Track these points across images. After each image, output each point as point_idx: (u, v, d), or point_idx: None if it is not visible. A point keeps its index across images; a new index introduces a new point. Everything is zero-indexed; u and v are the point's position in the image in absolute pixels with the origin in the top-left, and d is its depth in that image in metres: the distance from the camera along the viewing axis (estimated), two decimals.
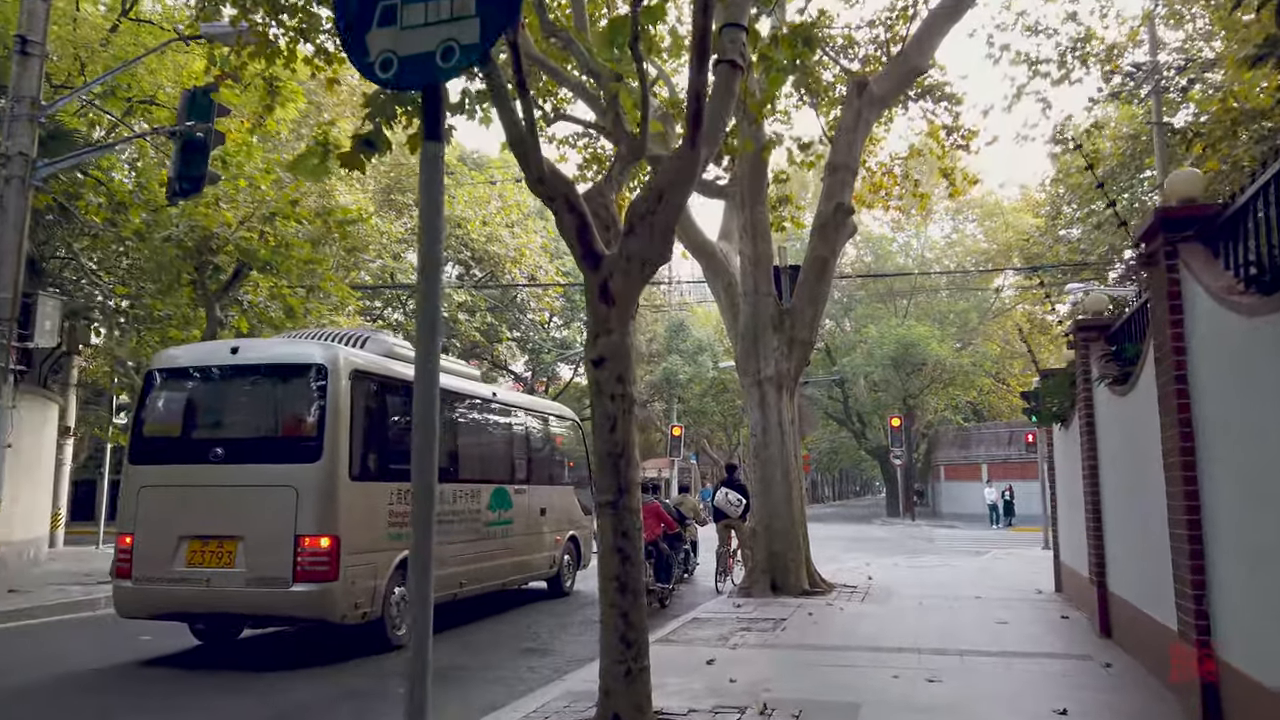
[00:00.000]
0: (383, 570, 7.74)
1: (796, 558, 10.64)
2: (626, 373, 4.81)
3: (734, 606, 9.70)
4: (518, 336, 33.79)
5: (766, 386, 10.83)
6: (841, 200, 10.81)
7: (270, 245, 14.10)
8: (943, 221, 49.30)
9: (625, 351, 4.81)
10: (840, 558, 18.10)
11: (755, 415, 10.94)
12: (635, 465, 4.87)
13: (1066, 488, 10.04)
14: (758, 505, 10.90)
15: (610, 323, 4.76)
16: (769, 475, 10.76)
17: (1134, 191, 24.08)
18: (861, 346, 40.57)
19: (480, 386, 10.31)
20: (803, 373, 11.73)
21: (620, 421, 4.76)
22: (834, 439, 61.94)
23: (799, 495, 11.10)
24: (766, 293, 10.82)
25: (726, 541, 12.88)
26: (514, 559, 10.34)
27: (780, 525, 10.65)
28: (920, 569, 14.45)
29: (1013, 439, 36.12)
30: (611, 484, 4.75)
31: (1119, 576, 7.17)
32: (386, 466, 8.02)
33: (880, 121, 16.26)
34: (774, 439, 10.77)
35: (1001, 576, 12.99)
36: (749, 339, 10.90)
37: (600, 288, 4.78)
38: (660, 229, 4.63)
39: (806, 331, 10.96)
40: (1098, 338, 7.72)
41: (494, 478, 10.12)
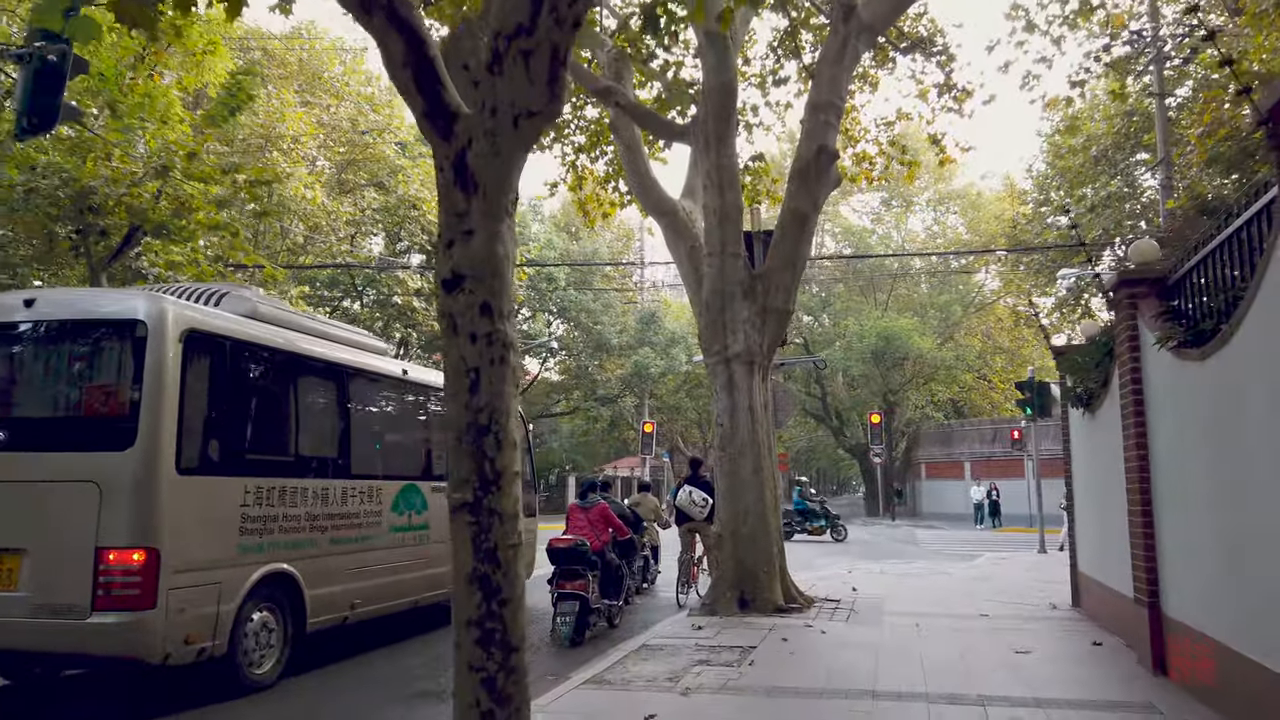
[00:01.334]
0: (231, 592, 5.92)
1: (769, 568, 8.94)
2: (499, 300, 3.06)
3: (693, 629, 7.98)
4: None
5: (735, 365, 9.12)
6: (824, 143, 9.12)
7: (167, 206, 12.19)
8: (924, 213, 48.11)
9: (498, 266, 3.06)
10: (818, 563, 16.46)
11: (721, 399, 9.23)
12: (511, 446, 3.13)
13: (1091, 484, 8.42)
14: (723, 507, 9.19)
15: (471, 219, 3.01)
16: (737, 471, 9.05)
17: (1129, 174, 22.65)
18: (840, 340, 39.09)
19: (386, 363, 8.50)
20: (778, 350, 10.03)
21: (486, 376, 3.02)
22: (811, 437, 60.57)
23: (773, 495, 9.40)
24: (734, 252, 9.11)
25: (690, 548, 11.17)
26: (430, 571, 8.54)
27: (750, 530, 8.95)
28: (910, 577, 12.82)
29: (997, 436, 34.77)
30: (470, 474, 3.00)
31: (1187, 599, 5.52)
32: (239, 456, 6.21)
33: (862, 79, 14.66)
34: (743, 427, 9.06)
35: (1004, 586, 11.38)
36: (714, 308, 9.19)
37: (455, 164, 3.03)
38: (544, 58, 2.89)
39: (782, 299, 9.26)
40: (1148, 294, 6.08)
41: (403, 473, 8.32)
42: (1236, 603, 4.52)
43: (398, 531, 7.99)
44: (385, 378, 8.21)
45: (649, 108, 10.56)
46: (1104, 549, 7.77)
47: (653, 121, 10.16)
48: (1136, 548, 6.24)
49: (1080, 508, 9.03)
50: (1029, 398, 17.63)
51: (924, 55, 14.33)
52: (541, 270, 33.14)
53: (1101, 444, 7.75)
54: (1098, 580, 8.06)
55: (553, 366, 44.04)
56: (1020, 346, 44.01)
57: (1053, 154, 26.07)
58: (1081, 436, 8.66)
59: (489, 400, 3.03)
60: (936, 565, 15.34)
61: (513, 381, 3.15)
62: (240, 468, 6.15)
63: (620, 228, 43.00)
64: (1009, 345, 43.52)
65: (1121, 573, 6.89)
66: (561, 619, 7.93)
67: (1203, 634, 5.02)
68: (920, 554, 18.91)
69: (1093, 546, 8.36)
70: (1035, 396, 17.57)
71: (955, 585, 11.69)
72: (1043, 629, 7.97)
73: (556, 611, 8.01)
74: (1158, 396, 5.95)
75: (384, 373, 8.19)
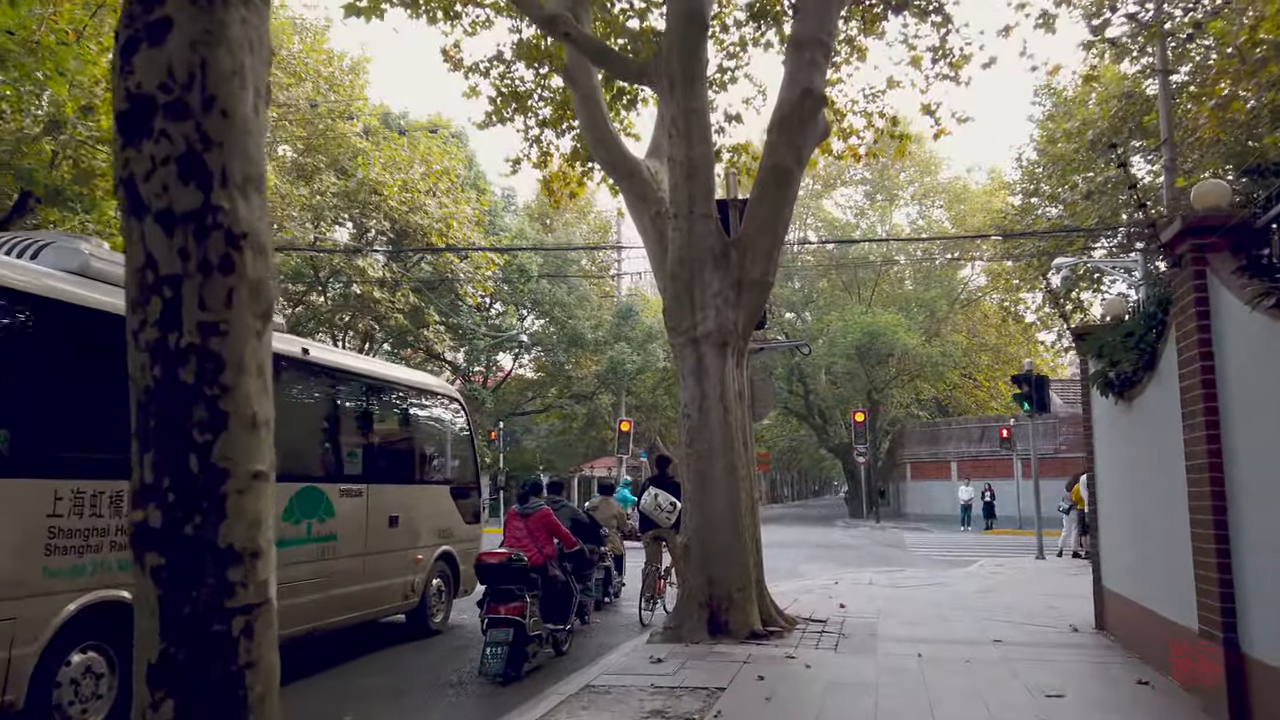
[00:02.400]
0: (32, 632, 4.48)
1: (744, 585, 7.58)
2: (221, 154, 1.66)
3: (651, 662, 6.59)
4: (446, 321, 30.33)
5: (704, 347, 7.75)
6: (810, 85, 7.76)
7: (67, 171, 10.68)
8: (909, 207, 47.09)
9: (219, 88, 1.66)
10: (801, 570, 15.15)
11: (689, 387, 7.85)
12: (250, 427, 1.73)
13: (1124, 484, 7.12)
14: (690, 512, 7.81)
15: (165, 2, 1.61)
16: (707, 471, 7.68)
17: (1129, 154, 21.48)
18: (824, 336, 37.89)
19: (283, 340, 7.03)
20: (755, 330, 8.67)
21: (191, 294, 1.62)
22: (794, 437, 59.39)
23: (749, 498, 8.04)
24: (704, 214, 7.73)
25: (656, 558, 9.81)
26: (338, 591, 7.12)
27: (722, 541, 7.58)
28: (903, 588, 11.51)
29: (985, 435, 33.66)
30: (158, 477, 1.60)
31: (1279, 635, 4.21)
32: (48, 452, 4.77)
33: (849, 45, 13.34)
34: (714, 420, 7.69)
35: (1010, 601, 10.08)
36: (680, 280, 7.81)
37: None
38: None
39: (760, 269, 7.89)
40: (1222, 245, 4.77)
41: (300, 473, 6.88)
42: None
43: (291, 545, 6.54)
44: (275, 357, 6.73)
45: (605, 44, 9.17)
46: (1144, 563, 6.47)
47: (609, 58, 8.78)
48: (1204, 566, 4.92)
49: (1107, 512, 7.73)
50: (1026, 392, 16.41)
51: (917, 16, 12.99)
52: (512, 261, 31.64)
53: (1141, 436, 6.45)
54: (1134, 601, 6.75)
55: (528, 363, 42.56)
56: (1007, 343, 43.06)
57: (1045, 139, 24.93)
58: (1111, 428, 7.35)
59: (201, 339, 1.63)
60: (929, 573, 14.06)
61: (259, 309, 1.75)
62: (49, 467, 4.70)
63: (597, 219, 41.59)
64: (995, 342, 42.54)
65: (1174, 595, 5.58)
66: (491, 650, 6.53)
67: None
68: (909, 560, 17.65)
69: (1126, 559, 7.05)
70: (1033, 390, 16.35)
71: (954, 599, 10.38)
72: (1070, 661, 6.65)
73: (486, 640, 6.61)
74: (1237, 371, 4.63)
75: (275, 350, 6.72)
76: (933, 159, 45.65)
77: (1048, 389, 16.58)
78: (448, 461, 9.45)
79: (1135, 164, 23.49)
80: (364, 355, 21.08)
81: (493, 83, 12.78)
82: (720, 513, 7.65)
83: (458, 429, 9.63)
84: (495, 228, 33.38)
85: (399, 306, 28.72)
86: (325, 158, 27.36)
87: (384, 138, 27.73)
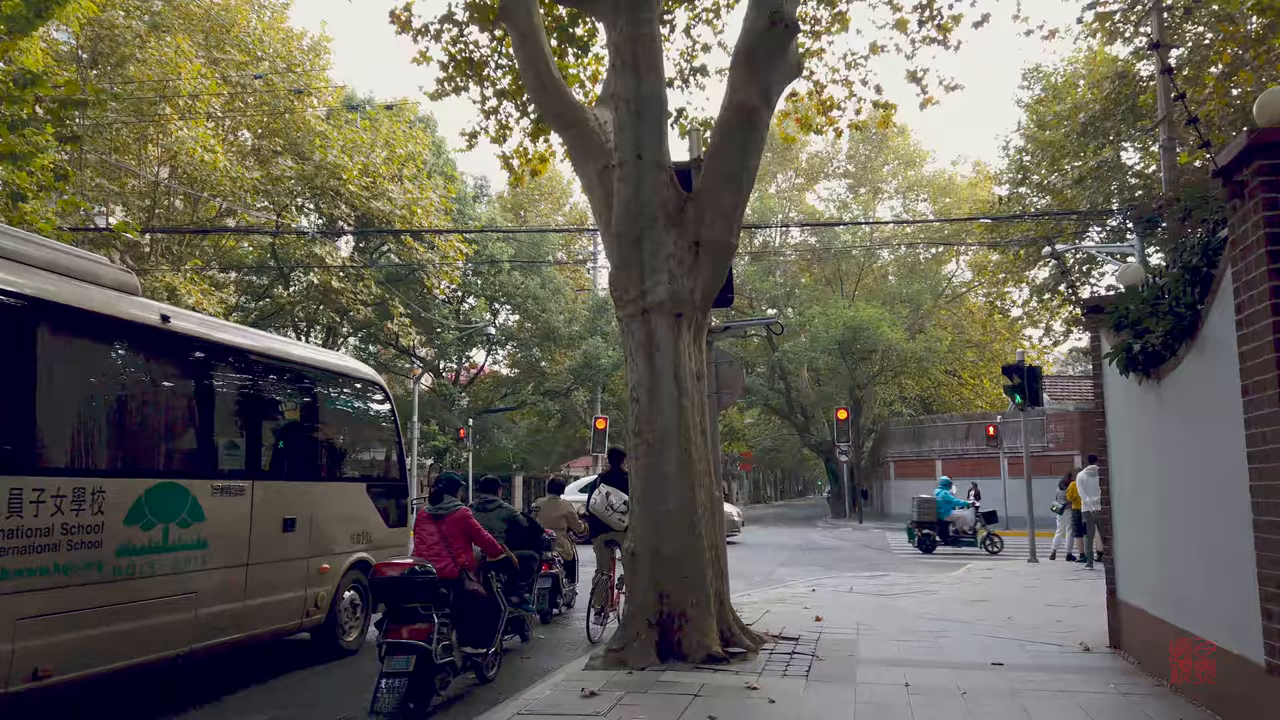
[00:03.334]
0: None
1: (700, 600, 6.41)
2: None
3: (581, 696, 5.41)
4: (413, 314, 28.99)
5: (655, 318, 6.58)
6: (778, 8, 6.61)
7: None
8: (892, 201, 46.16)
9: None
10: (777, 575, 14.02)
11: (637, 366, 6.67)
12: None
13: (1146, 480, 6.01)
14: (639, 515, 6.64)
15: None
16: (657, 466, 6.51)
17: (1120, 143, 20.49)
18: (806, 332, 36.84)
19: (127, 303, 5.74)
20: (719, 304, 7.50)
21: None
22: (777, 436, 58.32)
23: (709, 497, 6.88)
24: (655, 161, 6.56)
25: (608, 566, 8.64)
26: (207, 610, 5.88)
27: (674, 548, 6.41)
28: (887, 597, 10.39)
29: (970, 432, 32.75)
30: None
31: None
32: None
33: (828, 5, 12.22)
34: (666, 404, 6.52)
35: (1008, 612, 8.96)
36: (627, 240, 6.63)
37: None
38: None
39: (722, 228, 6.73)
40: None
41: (152, 467, 5.65)
42: None
43: (140, 554, 5.31)
44: (120, 325, 5.48)
45: None
46: (1179, 576, 5.35)
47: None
48: (1275, 583, 3.80)
49: (1125, 514, 6.62)
50: (1018, 383, 15.35)
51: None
52: (482, 251, 30.35)
53: (1175, 422, 5.34)
54: (1163, 619, 5.64)
55: (502, 358, 41.27)
56: (992, 340, 42.18)
57: (1035, 124, 23.95)
58: (1133, 414, 6.24)
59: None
60: (915, 578, 12.95)
61: None
62: None
63: (574, 210, 40.37)
64: (980, 339, 41.66)
65: (1225, 617, 4.47)
66: (387, 683, 5.31)
67: None
68: (893, 563, 16.56)
69: (1151, 570, 5.94)
70: (1025, 382, 15.30)
71: (945, 609, 9.27)
72: (1090, 691, 5.52)
73: (382, 671, 5.40)
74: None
75: (118, 316, 5.47)
76: (917, 151, 44.80)
77: (1040, 380, 15.54)
78: (365, 455, 8.22)
79: (1126, 150, 22.60)
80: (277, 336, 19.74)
81: (444, 47, 11.65)
82: (673, 514, 6.47)
83: (378, 418, 8.40)
84: (465, 217, 32.10)
85: (362, 298, 27.38)
86: (283, 140, 26.04)
87: (346, 121, 26.44)
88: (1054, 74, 24.76)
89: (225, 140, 24.61)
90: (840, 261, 44.04)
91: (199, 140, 22.07)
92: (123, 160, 22.69)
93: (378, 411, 8.39)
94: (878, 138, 43.99)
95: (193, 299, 21.81)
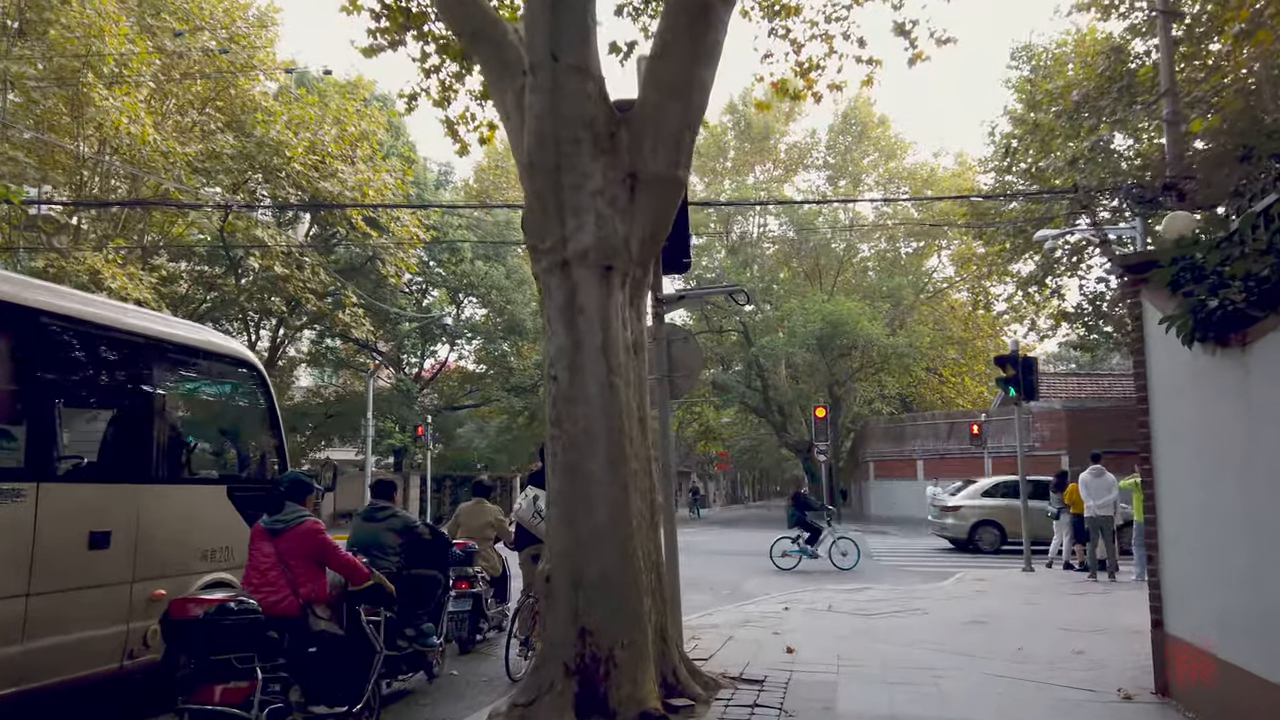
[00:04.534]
0: None
1: (635, 640, 4.89)
2: None
3: None
4: (368, 304, 27.23)
5: (578, 272, 5.05)
6: None
7: None
8: (872, 193, 44.96)
9: None
10: (747, 588, 12.54)
11: (556, 334, 5.14)
12: None
13: (1216, 482, 4.56)
14: (555, 528, 5.11)
15: None
16: (578, 464, 4.99)
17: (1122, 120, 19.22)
18: (784, 327, 35.48)
19: None
20: (666, 260, 5.99)
21: None
22: (754, 435, 56.93)
23: (648, 506, 5.35)
24: (577, 64, 5.03)
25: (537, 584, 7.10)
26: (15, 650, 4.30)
27: (601, 571, 4.89)
28: (871, 617, 8.92)
29: (953, 431, 31.51)
30: None
31: None
32: None
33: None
34: (592, 384, 5.00)
35: (1015, 638, 7.52)
36: (542, 169, 5.11)
37: None
38: None
39: (666, 158, 5.22)
40: None
41: None
42: None
43: None
44: None
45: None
46: (1275, 607, 3.91)
47: None
48: None
49: (1179, 527, 5.18)
50: (1012, 375, 14.00)
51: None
52: (441, 238, 28.64)
53: (1267, 406, 3.90)
54: (1246, 668, 4.20)
55: (469, 354, 39.52)
56: (974, 337, 41.07)
57: (1025, 102, 22.67)
58: (1200, 396, 4.79)
59: None
60: (901, 590, 11.52)
61: None
62: None
63: None
64: (962, 335, 40.55)
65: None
66: None
67: None
68: (875, 571, 15.14)
69: (1224, 602, 4.50)
70: (1020, 373, 13.95)
71: (941, 634, 7.82)
72: None
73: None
74: None
75: None
76: (898, 143, 43.64)
77: (1036, 372, 14.19)
78: (227, 450, 6.63)
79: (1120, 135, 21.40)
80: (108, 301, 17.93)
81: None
82: (600, 527, 4.95)
83: (248, 405, 6.80)
84: (419, 198, 30.34)
85: (311, 286, 25.61)
86: (226, 117, 24.27)
87: (295, 98, 24.69)
88: (1044, 53, 23.55)
89: (160, 114, 22.83)
90: (820, 255, 42.79)
91: (124, 110, 20.25)
92: (53, 137, 20.84)
93: (247, 397, 6.79)
94: (858, 128, 42.82)
95: (118, 283, 20.05)
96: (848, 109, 43.07)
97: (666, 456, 6.93)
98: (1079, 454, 26.12)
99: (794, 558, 14.98)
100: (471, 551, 7.74)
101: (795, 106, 45.43)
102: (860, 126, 42.61)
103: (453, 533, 8.15)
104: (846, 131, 42.89)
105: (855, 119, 42.63)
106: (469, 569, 7.71)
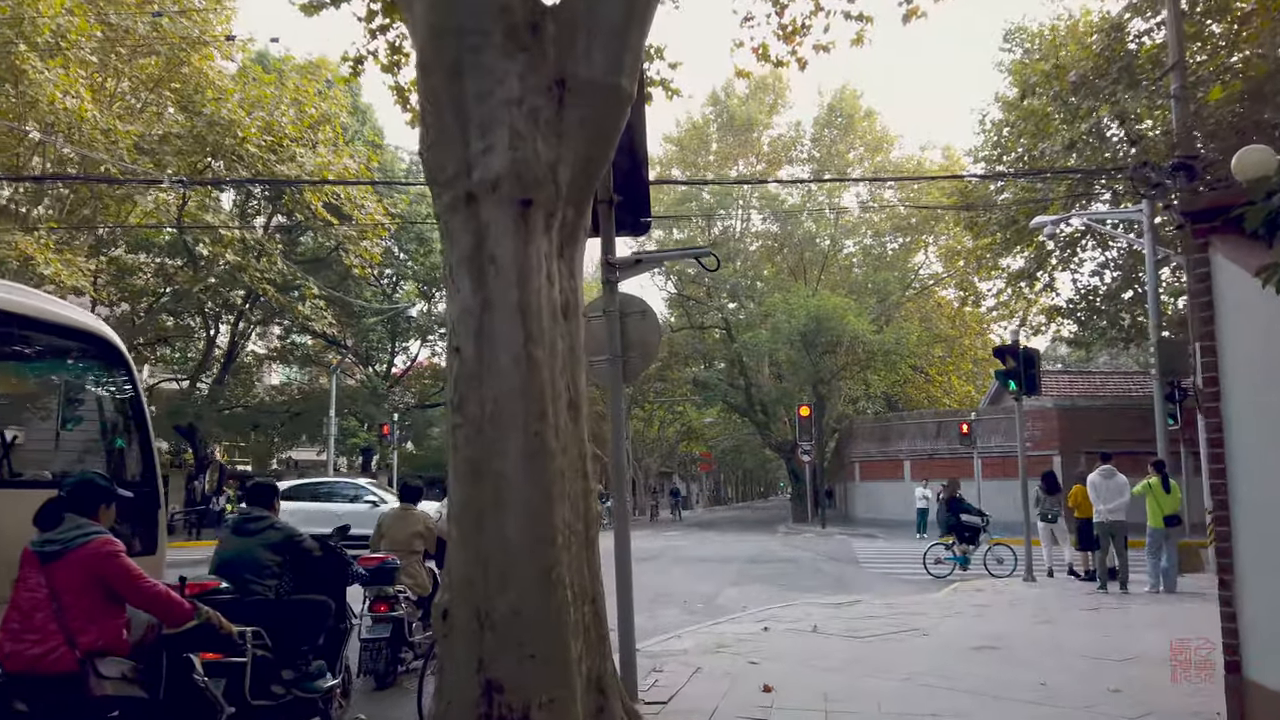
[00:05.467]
0: None
1: (560, 696, 3.65)
2: None
3: None
4: (330, 295, 25.84)
5: (488, 209, 3.83)
6: None
7: None
8: (858, 187, 43.98)
9: None
10: (722, 601, 11.33)
11: (461, 290, 3.91)
12: None
13: None
14: (455, 547, 3.87)
15: None
16: (486, 462, 3.75)
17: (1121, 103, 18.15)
18: (767, 322, 34.35)
19: None
20: (619, 207, 4.75)
21: None
22: (738, 435, 55.76)
23: (580, 515, 4.11)
24: None
25: None
26: None
27: (514, 606, 3.65)
28: (863, 640, 7.71)
29: (941, 430, 30.47)
30: None
31: None
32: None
33: None
34: (504, 357, 3.77)
35: (1034, 667, 6.35)
36: (439, 71, 3.88)
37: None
38: None
39: (605, 60, 3.98)
40: None
41: None
42: None
43: None
44: None
45: None
46: None
47: None
48: None
49: (1271, 543, 4.00)
50: (1013, 368, 12.87)
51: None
52: (410, 228, 27.29)
53: None
54: None
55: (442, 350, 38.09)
56: (961, 335, 40.10)
57: (1019, 85, 21.61)
58: None
59: None
60: (892, 603, 10.32)
61: None
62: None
63: None
64: (949, 333, 39.58)
65: None
66: None
67: None
68: (863, 579, 13.98)
69: None
70: (1021, 366, 12.82)
71: (944, 663, 6.63)
72: None
73: None
74: None
75: None
76: (884, 136, 42.61)
77: (1038, 365, 13.08)
78: (69, 447, 5.34)
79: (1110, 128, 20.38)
80: None
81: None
82: (513, 546, 3.71)
83: (101, 392, 5.51)
84: (394, 192, 28.98)
85: (268, 276, 24.19)
86: (179, 96, 22.86)
87: (253, 79, 23.30)
88: (1038, 36, 22.53)
89: (110, 94, 21.39)
90: (804, 250, 41.74)
91: (59, 84, 18.80)
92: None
93: (98, 382, 5.50)
94: (843, 120, 41.74)
95: (51, 269, 18.61)
96: (833, 100, 42.01)
97: (619, 455, 5.70)
98: (1071, 454, 25.12)
99: (948, 565, 13.79)
100: (393, 567, 6.47)
101: (779, 99, 44.33)
102: (846, 119, 41.53)
103: (375, 545, 6.90)
104: (832, 124, 41.81)
105: (841, 110, 41.53)
106: (389, 588, 6.45)
